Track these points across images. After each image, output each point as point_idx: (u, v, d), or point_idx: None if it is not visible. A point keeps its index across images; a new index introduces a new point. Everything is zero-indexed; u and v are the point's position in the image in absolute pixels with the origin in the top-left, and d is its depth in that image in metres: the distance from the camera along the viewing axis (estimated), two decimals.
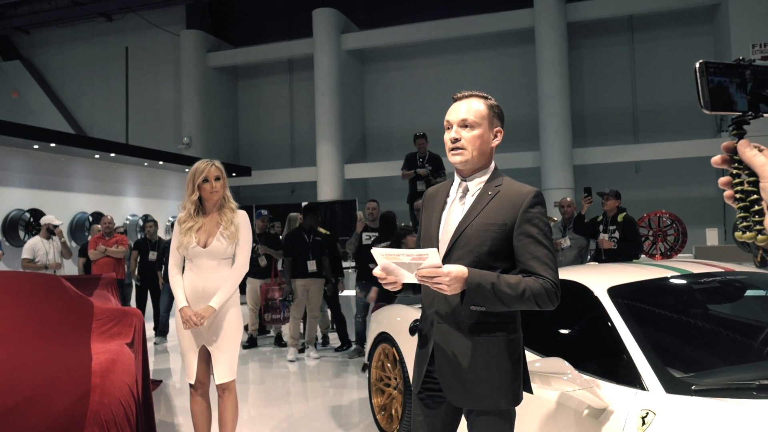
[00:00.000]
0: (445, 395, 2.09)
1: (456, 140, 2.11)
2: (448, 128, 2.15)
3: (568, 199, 7.24)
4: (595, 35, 14.49)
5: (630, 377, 2.28)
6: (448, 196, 2.21)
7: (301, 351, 7.45)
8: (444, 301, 2.08)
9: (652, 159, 13.36)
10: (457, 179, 2.20)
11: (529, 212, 2.03)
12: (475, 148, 2.10)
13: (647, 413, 2.06)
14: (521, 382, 2.07)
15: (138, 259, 8.69)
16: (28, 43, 18.54)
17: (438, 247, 2.05)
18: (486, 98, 2.18)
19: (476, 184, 2.14)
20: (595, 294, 2.72)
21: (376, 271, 1.94)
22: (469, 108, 2.13)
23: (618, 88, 14.36)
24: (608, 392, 2.27)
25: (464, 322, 2.04)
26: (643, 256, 7.20)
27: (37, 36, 18.21)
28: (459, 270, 1.87)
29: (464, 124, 2.11)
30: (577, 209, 7.14)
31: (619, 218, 6.31)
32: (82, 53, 17.96)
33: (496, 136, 2.15)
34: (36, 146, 9.35)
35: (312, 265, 7.26)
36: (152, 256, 8.54)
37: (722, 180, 0.99)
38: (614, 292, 2.70)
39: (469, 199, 2.13)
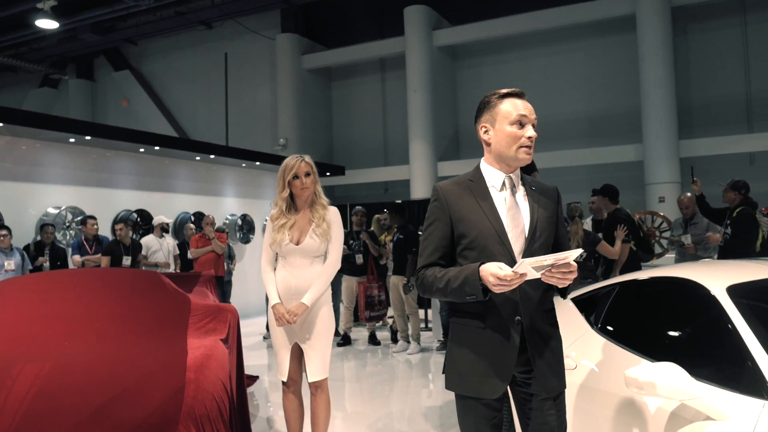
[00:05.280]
0: (542, 387, 2.13)
1: (532, 139, 2.17)
2: (522, 124, 2.15)
3: (689, 194, 6.71)
4: (702, 19, 13.59)
5: (756, 386, 2.03)
6: (486, 190, 2.22)
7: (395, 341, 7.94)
8: (527, 296, 2.13)
9: None
10: (495, 174, 2.24)
11: (560, 203, 2.35)
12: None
13: None
14: None
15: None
16: (136, 54, 19.59)
17: (509, 240, 2.13)
18: None
19: (518, 179, 2.26)
20: (713, 293, 2.47)
21: (507, 274, 1.92)
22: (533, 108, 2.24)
23: (729, 73, 13.38)
24: (730, 402, 2.03)
25: (543, 313, 2.18)
26: None
27: (144, 46, 19.20)
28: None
29: (534, 123, 2.19)
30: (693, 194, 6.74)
31: (735, 213, 5.83)
32: (185, 61, 18.77)
33: None
34: (142, 150, 9.81)
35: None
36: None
37: None
38: (735, 291, 2.44)
39: (520, 194, 2.23)
